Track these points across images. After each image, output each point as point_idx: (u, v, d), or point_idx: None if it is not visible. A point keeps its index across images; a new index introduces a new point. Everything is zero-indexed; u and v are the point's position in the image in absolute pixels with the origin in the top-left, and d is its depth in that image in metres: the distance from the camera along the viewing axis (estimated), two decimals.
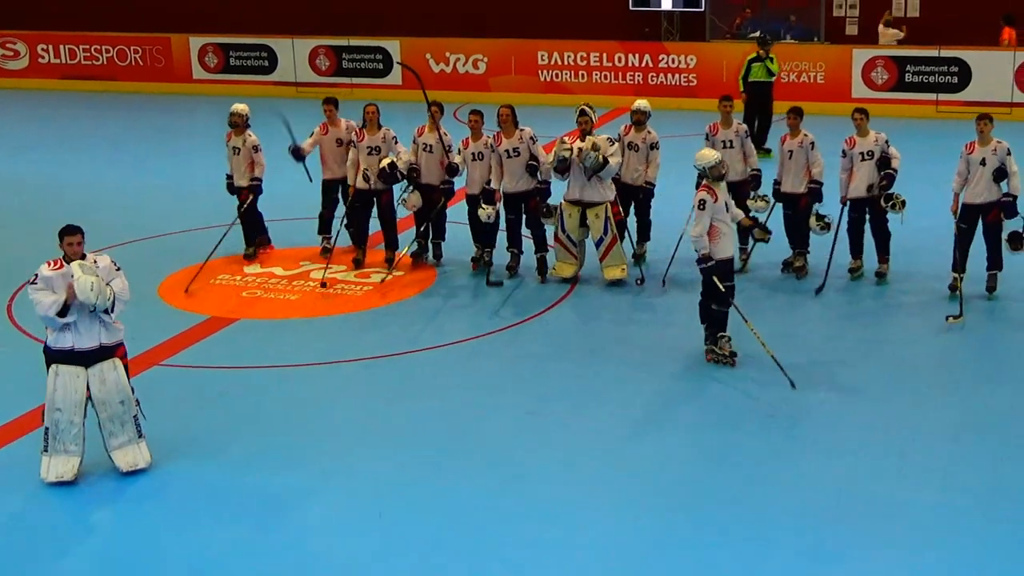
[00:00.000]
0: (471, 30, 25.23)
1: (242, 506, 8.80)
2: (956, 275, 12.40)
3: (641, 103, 13.89)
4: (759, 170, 13.48)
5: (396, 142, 13.66)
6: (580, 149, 12.77)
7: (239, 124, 13.94)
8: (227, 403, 10.58)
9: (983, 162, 12.21)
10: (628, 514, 8.59)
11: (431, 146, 13.60)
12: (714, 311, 11.03)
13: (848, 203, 12.93)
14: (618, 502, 8.77)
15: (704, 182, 11.04)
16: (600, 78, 24.00)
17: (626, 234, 13.55)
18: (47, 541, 8.45)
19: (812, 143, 13.07)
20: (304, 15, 26.72)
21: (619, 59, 23.71)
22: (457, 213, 14.21)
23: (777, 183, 13.33)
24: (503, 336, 12.01)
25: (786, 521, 8.42)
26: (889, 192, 12.66)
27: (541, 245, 13.39)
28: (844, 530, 8.30)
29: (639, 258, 13.83)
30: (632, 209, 13.86)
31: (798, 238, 13.27)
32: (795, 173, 13.12)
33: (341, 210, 14.18)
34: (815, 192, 13.03)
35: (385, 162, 13.39)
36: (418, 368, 11.30)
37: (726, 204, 10.89)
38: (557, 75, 24.29)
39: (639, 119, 13.67)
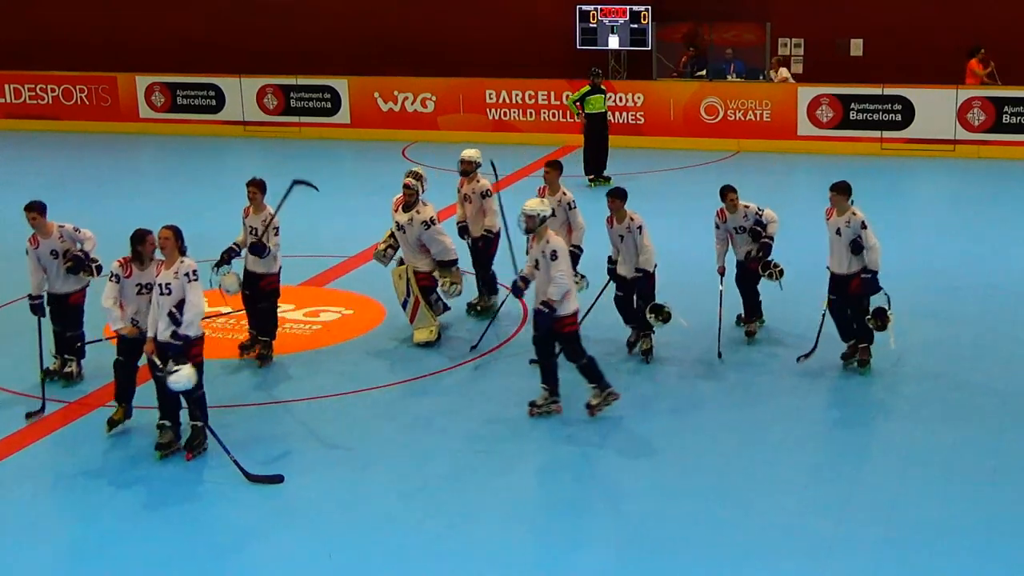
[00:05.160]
0: (419, 68, 25.29)
1: (191, 546, 8.74)
2: (849, 344, 11.86)
3: (467, 152, 13.32)
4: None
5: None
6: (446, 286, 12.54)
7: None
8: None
9: (838, 232, 11.58)
10: (578, 557, 8.58)
11: (256, 229, 12.03)
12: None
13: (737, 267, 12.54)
14: (563, 544, 8.76)
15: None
16: (548, 116, 24.10)
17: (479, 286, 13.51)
18: None
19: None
20: (252, 54, 26.64)
21: (567, 97, 23.78)
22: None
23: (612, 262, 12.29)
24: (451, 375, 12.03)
25: (734, 559, 8.41)
26: (767, 260, 12.31)
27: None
28: (791, 566, 8.32)
29: (486, 309, 13.35)
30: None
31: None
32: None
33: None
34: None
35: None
36: (361, 408, 11.25)
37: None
38: (505, 113, 24.36)
39: (466, 169, 13.21)
